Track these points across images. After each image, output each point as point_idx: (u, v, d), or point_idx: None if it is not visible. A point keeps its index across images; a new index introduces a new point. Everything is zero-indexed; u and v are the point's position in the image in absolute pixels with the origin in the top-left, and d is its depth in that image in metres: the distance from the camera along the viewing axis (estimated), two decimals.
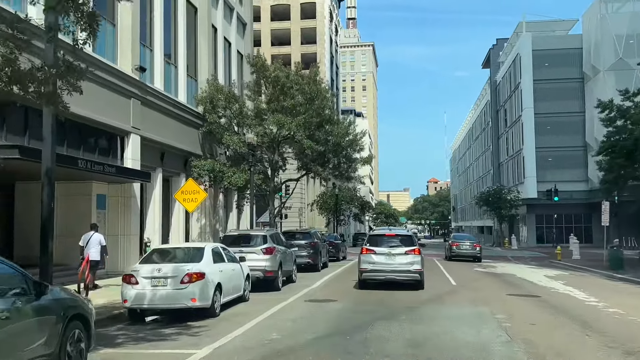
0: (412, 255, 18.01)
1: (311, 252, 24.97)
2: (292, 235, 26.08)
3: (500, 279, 23.12)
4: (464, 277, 23.38)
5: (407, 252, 18.02)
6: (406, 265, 17.84)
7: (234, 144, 28.56)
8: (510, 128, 73.83)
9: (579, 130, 64.25)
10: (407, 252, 18.04)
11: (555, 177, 62.68)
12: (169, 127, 26.90)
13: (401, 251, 18.04)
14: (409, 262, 17.87)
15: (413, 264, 17.89)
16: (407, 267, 17.85)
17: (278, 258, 17.98)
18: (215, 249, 13.80)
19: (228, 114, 30.04)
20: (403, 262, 17.85)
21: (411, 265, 17.86)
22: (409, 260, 17.90)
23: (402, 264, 17.83)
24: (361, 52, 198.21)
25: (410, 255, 17.98)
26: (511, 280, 22.62)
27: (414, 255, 18.05)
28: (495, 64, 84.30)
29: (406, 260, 17.88)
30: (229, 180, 28.13)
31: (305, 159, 30.27)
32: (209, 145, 31.35)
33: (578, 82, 64.50)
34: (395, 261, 17.87)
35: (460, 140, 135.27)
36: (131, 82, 22.98)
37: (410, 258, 17.93)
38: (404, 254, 17.98)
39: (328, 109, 29.36)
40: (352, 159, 31.12)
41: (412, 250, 18.15)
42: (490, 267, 30.47)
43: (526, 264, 34.00)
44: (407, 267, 17.85)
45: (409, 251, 18.07)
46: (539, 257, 41.72)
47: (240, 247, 17.48)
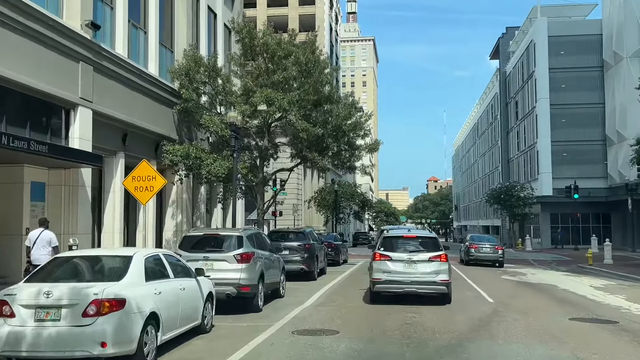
0: (438, 263, 14.62)
1: (305, 257, 20.24)
2: (283, 236, 21.38)
3: (543, 293, 18.39)
4: (497, 290, 18.64)
5: (432, 259, 14.65)
6: (430, 275, 14.51)
7: (215, 126, 23.80)
8: (522, 121, 69.05)
9: (598, 123, 59.50)
10: (432, 258, 14.66)
11: (572, 173, 57.90)
12: (135, 103, 22.13)
13: (424, 257, 14.69)
14: (433, 272, 14.54)
15: (439, 273, 14.54)
16: (432, 277, 14.51)
17: (258, 267, 13.25)
18: (152, 257, 9.00)
19: (209, 90, 25.26)
20: (426, 272, 14.52)
21: (436, 276, 14.51)
22: (433, 268, 14.56)
23: (425, 274, 14.51)
24: (361, 46, 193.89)
25: (436, 263, 14.61)
26: (558, 295, 17.89)
27: (439, 262, 14.64)
28: (504, 54, 79.50)
29: (430, 269, 14.54)
30: (208, 169, 23.36)
31: (300, 144, 25.49)
32: (187, 128, 26.58)
33: (597, 70, 59.72)
34: (416, 270, 14.53)
35: (464, 136, 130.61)
36: (80, 41, 18.14)
37: (436, 266, 14.57)
38: (428, 260, 14.63)
39: (328, 85, 24.54)
40: (355, 145, 26.40)
41: (438, 257, 14.71)
42: (519, 274, 25.76)
43: (556, 270, 29.30)
44: (432, 277, 14.51)
45: (433, 257, 14.68)
46: (563, 261, 37.00)
47: (205, 253, 12.78)
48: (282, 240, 20.67)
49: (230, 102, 24.69)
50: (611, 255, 33.33)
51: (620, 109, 54.61)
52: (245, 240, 13.07)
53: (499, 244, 33.58)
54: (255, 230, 14.58)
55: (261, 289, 13.31)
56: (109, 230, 20.88)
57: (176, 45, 26.00)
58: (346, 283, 20.28)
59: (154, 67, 24.05)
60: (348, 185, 66.92)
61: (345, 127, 25.58)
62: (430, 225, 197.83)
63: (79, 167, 18.14)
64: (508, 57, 78.33)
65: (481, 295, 16.80)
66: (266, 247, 14.79)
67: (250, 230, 13.92)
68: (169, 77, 25.17)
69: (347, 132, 25.72)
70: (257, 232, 14.61)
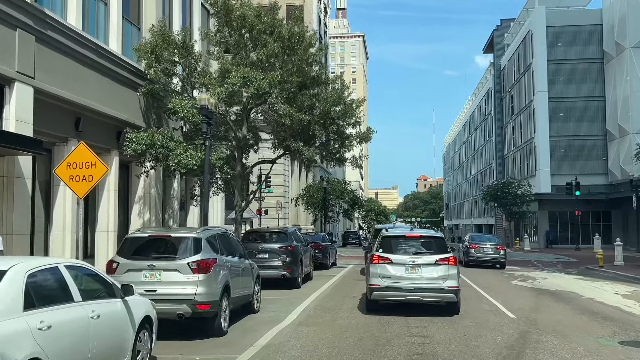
0: (446, 267, 12.67)
1: (288, 261, 17.26)
2: (261, 237, 18.38)
3: (567, 303, 15.55)
4: (514, 300, 15.77)
5: (439, 262, 12.71)
6: (437, 282, 12.57)
7: (185, 111, 20.78)
8: (518, 116, 66.43)
9: (598, 117, 56.95)
10: (439, 261, 12.71)
11: (571, 169, 55.47)
12: (92, 83, 19.10)
13: (430, 260, 12.76)
14: (440, 277, 12.58)
15: (447, 279, 12.58)
16: (438, 283, 12.57)
17: (222, 278, 10.28)
18: (43, 272, 5.91)
19: (179, 72, 22.26)
20: (432, 277, 12.59)
21: (444, 282, 12.56)
22: (440, 273, 12.61)
23: (431, 280, 12.57)
24: (351, 43, 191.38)
25: (443, 267, 12.67)
26: (586, 306, 15.06)
27: (447, 266, 12.69)
28: (499, 47, 76.85)
29: (437, 274, 12.60)
30: (177, 159, 20.35)
31: (283, 132, 22.52)
32: (156, 115, 23.55)
33: (597, 62, 57.16)
34: (421, 275, 12.61)
35: (456, 133, 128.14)
36: (16, 4, 15.16)
37: (443, 270, 12.63)
38: (434, 264, 12.70)
39: (314, 64, 21.52)
40: (344, 135, 23.44)
41: (446, 260, 12.75)
42: (529, 278, 22.95)
43: (566, 273, 26.57)
44: (438, 283, 12.57)
45: (441, 260, 12.73)
46: (569, 263, 34.31)
47: (151, 260, 9.79)
48: (260, 242, 17.69)
49: (204, 85, 21.69)
50: (622, 256, 30.71)
51: (623, 102, 52.08)
52: (205, 244, 10.09)
53: (500, 244, 31.33)
54: (219, 230, 11.59)
55: (225, 305, 10.34)
56: (58, 231, 17.89)
57: (144, 22, 22.96)
58: (335, 291, 17.36)
59: (116, 43, 21.04)
60: (337, 182, 64.08)
61: (334, 113, 22.63)
62: (420, 224, 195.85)
63: (14, 154, 15.10)
64: (503, 50, 75.70)
65: (498, 309, 13.90)
66: (235, 252, 11.82)
67: (212, 231, 10.93)
68: (135, 56, 22.22)
69: (336, 119, 22.76)
70: (222, 232, 11.60)
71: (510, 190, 56.62)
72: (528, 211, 56.89)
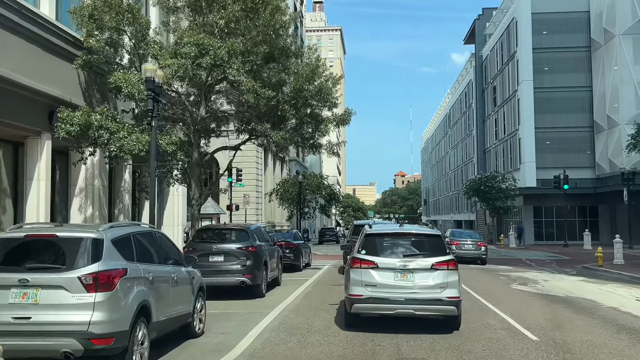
0: (445, 272, 10.09)
1: (248, 265, 14.09)
2: (217, 235, 15.14)
3: (589, 316, 12.65)
4: (525, 312, 12.81)
5: (436, 267, 10.12)
6: (433, 291, 10.01)
7: (130, 86, 17.51)
8: (501, 107, 63.99)
9: (585, 108, 54.67)
10: (436, 265, 10.12)
11: (557, 162, 53.07)
12: (14, 51, 15.79)
13: (424, 264, 10.15)
14: (438, 285, 10.04)
15: (445, 287, 10.01)
16: (435, 293, 10.00)
17: (136, 297, 7.03)
18: None
19: (125, 41, 18.94)
20: (428, 285, 10.05)
21: (442, 291, 10.00)
22: (438, 280, 10.06)
23: (426, 288, 10.02)
24: (328, 36, 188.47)
25: (441, 272, 10.10)
26: (613, 319, 12.18)
27: (447, 271, 10.09)
28: (481, 37, 74.42)
29: (433, 282, 10.07)
30: (119, 143, 17.08)
31: (248, 113, 19.33)
32: (100, 94, 20.20)
33: (584, 51, 54.88)
34: (414, 282, 10.04)
35: (434, 128, 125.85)
36: None
37: (441, 277, 10.07)
38: (430, 269, 10.11)
39: (283, 31, 18.27)
40: (319, 118, 20.28)
41: (445, 263, 10.15)
42: (530, 281, 20.10)
43: (566, 274, 23.83)
44: (435, 293, 10.00)
45: (438, 264, 10.13)
46: (563, 261, 31.69)
47: (25, 273, 6.56)
48: (215, 242, 14.49)
49: (154, 56, 18.41)
50: (622, 255, 28.17)
51: (612, 92, 49.79)
52: (109, 248, 6.90)
53: (481, 240, 31.03)
54: (140, 228, 8.39)
55: (142, 336, 7.15)
56: None
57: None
58: (306, 301, 14.26)
59: (48, 7, 17.72)
60: (314, 177, 61.01)
61: (308, 92, 19.47)
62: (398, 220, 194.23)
63: None
64: (485, 41, 73.27)
65: (512, 327, 10.91)
66: (165, 257, 8.64)
67: (125, 229, 7.68)
68: (74, 23, 18.89)
69: (309, 98, 19.60)
70: (143, 231, 8.35)
71: (494, 185, 54.12)
72: (512, 206, 54.44)
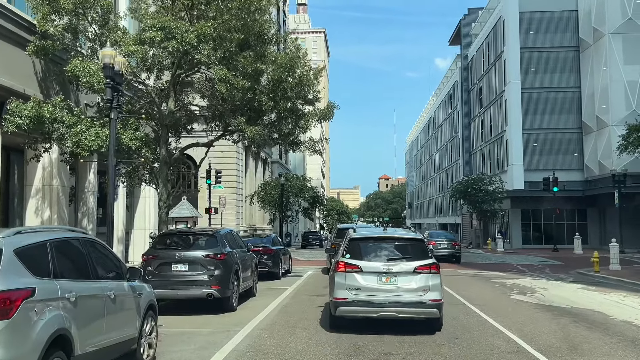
0: (427, 276, 10.39)
1: (217, 274, 12.34)
2: (181, 241, 13.32)
3: (605, 332, 11.07)
4: (531, 328, 11.19)
5: (418, 270, 10.40)
6: (416, 294, 10.29)
7: (89, 75, 15.75)
8: (487, 109, 62.78)
9: (573, 109, 53.56)
10: (419, 269, 10.41)
11: (545, 164, 51.91)
12: None
13: (407, 268, 10.43)
14: (420, 288, 10.30)
15: (428, 290, 10.30)
16: (418, 296, 10.29)
17: (42, 330, 5.25)
18: None
19: (84, 26, 17.14)
20: (411, 288, 10.32)
21: (424, 294, 10.29)
22: (420, 284, 10.34)
23: (409, 292, 10.31)
24: (312, 39, 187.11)
25: (424, 276, 10.38)
26: (633, 336, 10.65)
27: (429, 275, 10.40)
28: (466, 38, 73.26)
29: (416, 285, 10.34)
30: (76, 139, 15.29)
31: (221, 106, 17.60)
32: (60, 85, 18.40)
33: (572, 51, 53.79)
34: (397, 286, 10.33)
35: (419, 130, 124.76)
36: None
37: (424, 280, 10.36)
38: (413, 272, 10.40)
39: (259, 14, 16.50)
40: (300, 112, 18.58)
41: (427, 267, 10.45)
42: (527, 290, 18.54)
43: (564, 281, 22.38)
44: (418, 296, 10.29)
45: (421, 268, 10.42)
46: (556, 267, 30.30)
47: None
48: (179, 248, 12.71)
49: (116, 43, 16.63)
50: (619, 260, 26.83)
51: (601, 92, 48.68)
52: (10, 260, 5.07)
53: (455, 240, 34.87)
54: (56, 234, 6.49)
55: None
56: None
57: None
58: (283, 316, 12.54)
59: None
60: (297, 179, 59.34)
61: (287, 83, 17.78)
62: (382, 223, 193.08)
63: None
64: (470, 41, 72.11)
65: (523, 349, 9.24)
66: (99, 272, 6.88)
67: (35, 235, 5.87)
68: (29, 7, 17.12)
69: (288, 90, 17.91)
70: (65, 237, 6.49)
71: (481, 187, 52.76)
72: (500, 209, 53.14)
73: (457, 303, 14.63)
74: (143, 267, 12.43)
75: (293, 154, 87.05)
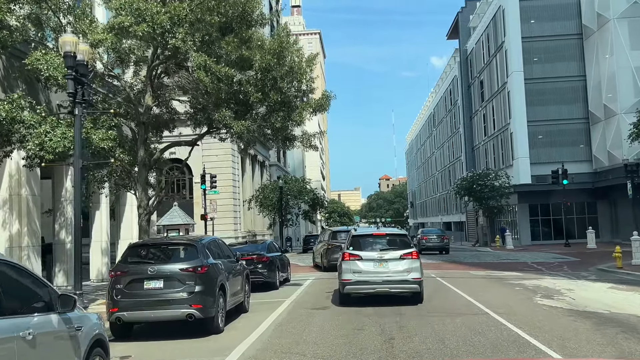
0: (410, 261, 13.95)
1: (197, 291, 10.42)
2: (156, 252, 11.41)
3: None
4: (578, 345, 9.27)
5: (403, 257, 13.96)
6: (402, 274, 13.80)
7: (52, 68, 13.97)
8: (489, 102, 60.97)
9: (579, 98, 51.71)
10: (403, 256, 13.97)
11: (551, 157, 50.07)
12: None
13: (395, 255, 13.99)
14: (405, 270, 13.83)
15: (410, 271, 13.84)
16: (404, 275, 13.80)
17: None
18: None
19: (48, 16, 15.36)
20: (398, 270, 13.83)
21: (408, 274, 13.81)
22: (405, 267, 13.86)
23: (397, 273, 13.81)
24: (307, 40, 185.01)
25: (407, 261, 13.93)
26: None
27: (411, 260, 13.98)
28: (465, 31, 71.48)
29: (402, 268, 13.85)
30: (39, 140, 13.49)
31: (203, 99, 15.77)
32: (26, 83, 16.65)
33: (575, 38, 51.96)
34: (388, 269, 13.85)
35: (419, 128, 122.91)
36: None
37: (407, 264, 13.89)
38: (399, 259, 13.94)
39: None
40: (292, 104, 16.67)
41: (410, 254, 14.05)
42: (552, 292, 16.65)
43: (587, 280, 20.50)
44: (404, 275, 13.80)
45: (405, 255, 13.99)
46: (573, 263, 28.41)
47: None
48: (153, 262, 10.83)
49: (82, 32, 14.82)
50: None
51: (608, 79, 46.83)
52: None
53: (444, 235, 42.35)
54: None
55: None
56: None
57: None
58: (277, 338, 10.62)
59: None
60: (295, 181, 57.52)
61: (277, 71, 15.96)
62: (385, 224, 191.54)
63: None
64: (469, 34, 70.34)
65: None
66: (15, 305, 5.07)
67: None
68: None
69: (278, 80, 16.07)
70: None
71: (487, 183, 50.89)
72: (507, 205, 51.25)
73: (478, 312, 12.75)
74: (111, 286, 10.57)
75: (291, 154, 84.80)
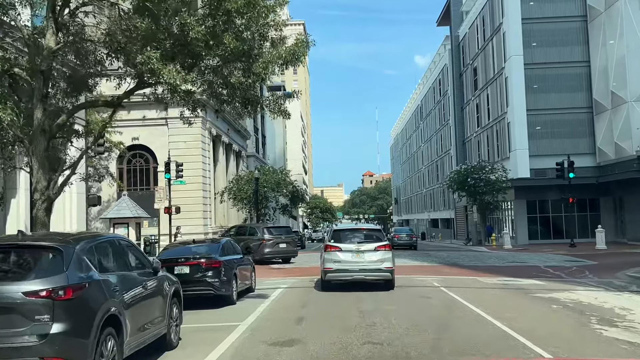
0: (383, 252, 16.12)
1: (54, 335, 5.75)
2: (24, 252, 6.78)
3: None
4: None
5: (378, 249, 16.12)
6: (376, 264, 15.94)
7: None
8: (484, 90, 56.74)
9: (582, 86, 47.61)
10: (378, 248, 16.14)
11: (551, 149, 45.93)
12: None
13: (370, 247, 16.13)
14: (379, 260, 15.99)
15: (384, 261, 15.99)
16: (378, 265, 15.93)
17: None
18: None
19: None
20: (373, 260, 15.96)
21: (382, 263, 15.95)
22: (379, 257, 16.03)
23: (371, 262, 15.93)
24: (290, 31, 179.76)
25: (381, 252, 16.09)
26: None
27: (384, 251, 16.15)
28: (457, 15, 67.17)
29: (376, 258, 16.01)
30: None
31: (124, 36, 11.09)
32: None
33: (578, 21, 47.87)
34: (364, 259, 15.96)
35: (405, 122, 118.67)
36: None
37: (381, 255, 16.06)
38: (374, 250, 16.08)
39: None
40: (253, 52, 12.06)
41: (383, 247, 16.26)
42: (597, 310, 12.23)
43: (632, 293, 16.22)
44: (378, 265, 15.93)
45: (379, 247, 16.17)
46: (591, 267, 24.16)
47: None
48: None
49: None
50: None
51: (617, 64, 42.72)
52: None
53: (413, 234, 49.05)
54: None
55: None
56: None
57: None
58: None
59: None
60: (274, 172, 52.87)
61: (232, 3, 11.35)
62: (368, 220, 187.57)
63: None
64: (461, 19, 66.05)
65: None
66: None
67: None
68: None
69: (234, 15, 11.46)
70: None
71: (482, 176, 46.68)
72: (504, 200, 47.08)
73: (516, 346, 8.28)
74: None
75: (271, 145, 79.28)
